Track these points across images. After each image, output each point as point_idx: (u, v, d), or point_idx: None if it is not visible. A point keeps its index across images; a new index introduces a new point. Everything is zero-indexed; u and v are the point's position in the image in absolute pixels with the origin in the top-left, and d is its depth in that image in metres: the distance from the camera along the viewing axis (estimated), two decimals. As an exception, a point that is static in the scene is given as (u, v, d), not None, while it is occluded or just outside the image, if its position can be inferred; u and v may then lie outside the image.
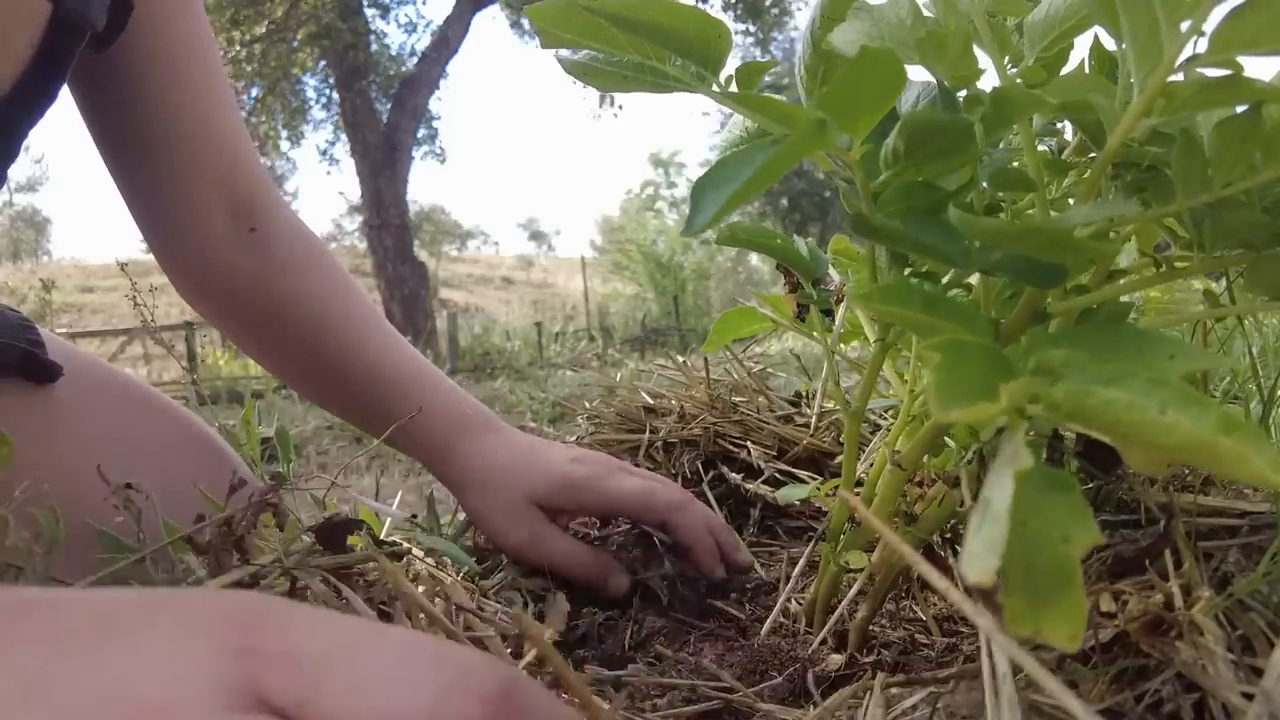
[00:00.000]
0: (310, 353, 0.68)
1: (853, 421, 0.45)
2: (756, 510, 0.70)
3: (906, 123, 0.32)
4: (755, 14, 11.90)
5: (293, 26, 10.42)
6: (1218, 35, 0.27)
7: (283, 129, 11.71)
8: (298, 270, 0.69)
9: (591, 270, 18.62)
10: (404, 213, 10.70)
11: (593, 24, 0.37)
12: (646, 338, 10.44)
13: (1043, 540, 0.23)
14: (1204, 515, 0.42)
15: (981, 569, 0.20)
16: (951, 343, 0.26)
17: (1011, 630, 0.22)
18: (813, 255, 0.52)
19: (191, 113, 0.66)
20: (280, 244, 0.70)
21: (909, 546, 0.25)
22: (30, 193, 37.24)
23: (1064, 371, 0.26)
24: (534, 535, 0.60)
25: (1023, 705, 0.32)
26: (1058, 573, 0.23)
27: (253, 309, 0.69)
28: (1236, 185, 0.31)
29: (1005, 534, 0.21)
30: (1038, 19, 0.37)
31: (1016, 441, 0.24)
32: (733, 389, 0.81)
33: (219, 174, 0.68)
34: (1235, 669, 0.31)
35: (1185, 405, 0.23)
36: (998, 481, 0.23)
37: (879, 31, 0.36)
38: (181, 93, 0.65)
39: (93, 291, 21.49)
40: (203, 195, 0.67)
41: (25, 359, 0.64)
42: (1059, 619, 0.22)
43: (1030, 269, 0.32)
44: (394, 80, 11.09)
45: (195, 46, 0.66)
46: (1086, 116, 0.34)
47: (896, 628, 0.50)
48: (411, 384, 0.67)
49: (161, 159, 0.66)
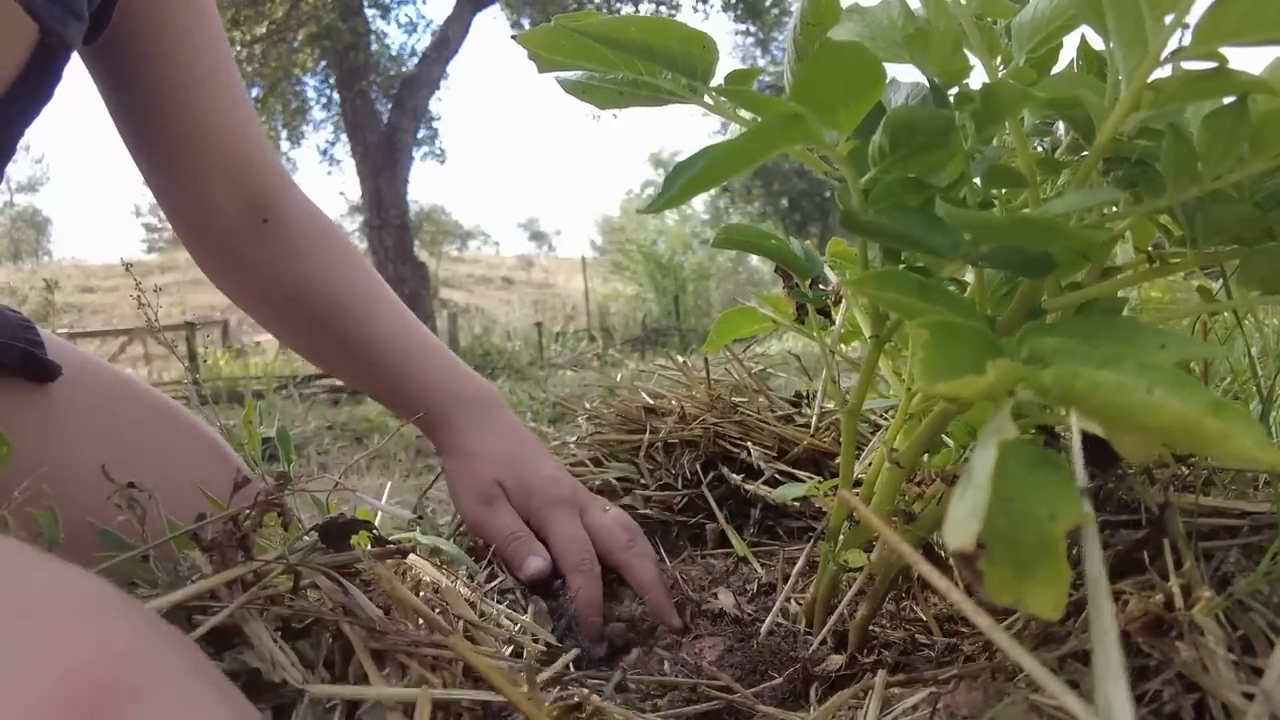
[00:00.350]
0: (324, 332, 0.73)
1: (850, 419, 0.45)
2: (757, 510, 0.70)
3: (890, 120, 0.33)
4: (755, 14, 11.90)
5: (293, 27, 10.43)
6: (1201, 27, 0.27)
7: (283, 129, 11.71)
8: (310, 256, 0.73)
9: (592, 270, 18.62)
10: (404, 213, 10.70)
11: (584, 45, 0.38)
12: (647, 338, 10.44)
13: (1029, 516, 0.23)
14: (1204, 515, 0.42)
15: (964, 534, 0.21)
16: (942, 322, 0.26)
17: (994, 598, 0.22)
18: (807, 255, 0.52)
19: (198, 110, 0.68)
20: (295, 230, 0.74)
21: (908, 545, 0.25)
22: (31, 193, 37.29)
23: (1055, 358, 0.26)
24: (481, 516, 0.64)
25: (1023, 705, 0.32)
26: (1043, 546, 0.23)
27: (266, 295, 0.74)
28: (1226, 178, 0.31)
29: (986, 499, 0.21)
30: (1025, 20, 0.37)
31: (1002, 415, 0.24)
32: (733, 389, 0.81)
33: (229, 170, 0.70)
34: (1235, 669, 0.31)
35: (1173, 387, 0.23)
36: (982, 452, 0.23)
37: (871, 33, 0.37)
38: (187, 90, 0.67)
39: (93, 292, 21.49)
40: (212, 189, 0.70)
41: (25, 358, 0.64)
42: (1041, 587, 0.22)
43: (1020, 260, 0.32)
44: (394, 80, 11.09)
45: (201, 43, 0.67)
46: (1076, 113, 0.34)
47: (897, 628, 0.50)
48: (417, 355, 0.72)
49: (174, 152, 0.69)
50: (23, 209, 36.60)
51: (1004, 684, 0.37)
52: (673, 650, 0.52)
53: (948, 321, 0.26)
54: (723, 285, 16.14)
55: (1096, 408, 0.24)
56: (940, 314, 0.29)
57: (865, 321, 0.46)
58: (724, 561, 0.65)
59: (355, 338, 0.72)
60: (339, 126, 11.55)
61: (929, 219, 0.33)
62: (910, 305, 0.30)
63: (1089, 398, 0.24)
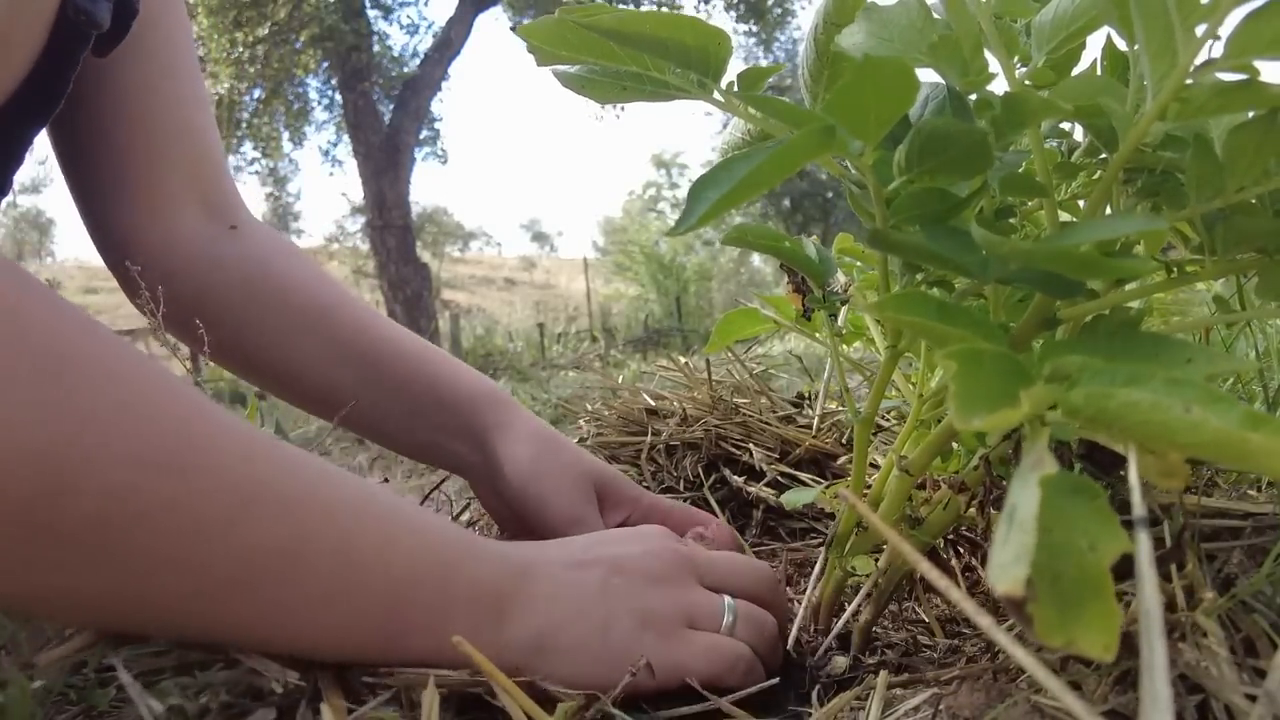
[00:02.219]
0: (317, 333, 0.63)
1: (863, 428, 0.45)
2: (759, 511, 0.70)
3: (920, 130, 0.32)
4: (758, 14, 11.89)
5: (295, 28, 10.43)
6: (1235, 39, 0.26)
7: (285, 130, 11.71)
8: (289, 257, 0.66)
9: (594, 271, 18.62)
10: (406, 214, 10.70)
11: (587, 39, 0.37)
12: (649, 339, 10.43)
13: (1069, 548, 0.22)
14: (1207, 516, 0.42)
15: (1012, 579, 0.20)
16: (968, 351, 0.26)
17: (1044, 641, 0.21)
18: (821, 258, 0.51)
19: (166, 107, 0.63)
20: (264, 240, 0.67)
21: (916, 553, 0.25)
22: (34, 194, 37.28)
23: (1079, 376, 0.25)
24: (587, 515, 0.56)
25: (1026, 706, 0.32)
26: (1087, 581, 0.22)
27: (247, 295, 0.64)
28: (1250, 190, 0.30)
29: (1033, 543, 0.20)
30: (1046, 20, 0.37)
31: (1039, 448, 0.23)
32: (735, 390, 0.81)
33: (190, 169, 0.64)
34: (1238, 670, 0.31)
35: (1210, 403, 0.22)
36: (1023, 489, 0.22)
37: (887, 34, 0.36)
38: (156, 89, 0.62)
39: (96, 293, 21.52)
40: (174, 187, 0.63)
41: None
42: (1091, 628, 0.21)
43: (1049, 281, 0.32)
44: (396, 82, 11.09)
45: (176, 43, 0.64)
46: (1098, 120, 0.34)
47: (899, 629, 0.50)
48: (434, 355, 0.63)
49: (129, 149, 0.61)
50: (26, 210, 36.65)
51: (1006, 685, 0.37)
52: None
53: (974, 349, 0.26)
54: (724, 286, 16.13)
55: (1131, 428, 0.23)
56: (963, 337, 0.29)
57: (881, 333, 0.45)
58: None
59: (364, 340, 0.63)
60: (341, 127, 11.56)
61: (958, 237, 0.32)
62: (933, 329, 0.29)
63: (1124, 418, 0.23)
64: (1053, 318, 0.35)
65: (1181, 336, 0.31)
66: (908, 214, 0.35)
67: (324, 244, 23.41)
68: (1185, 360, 0.28)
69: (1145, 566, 0.21)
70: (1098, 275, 0.31)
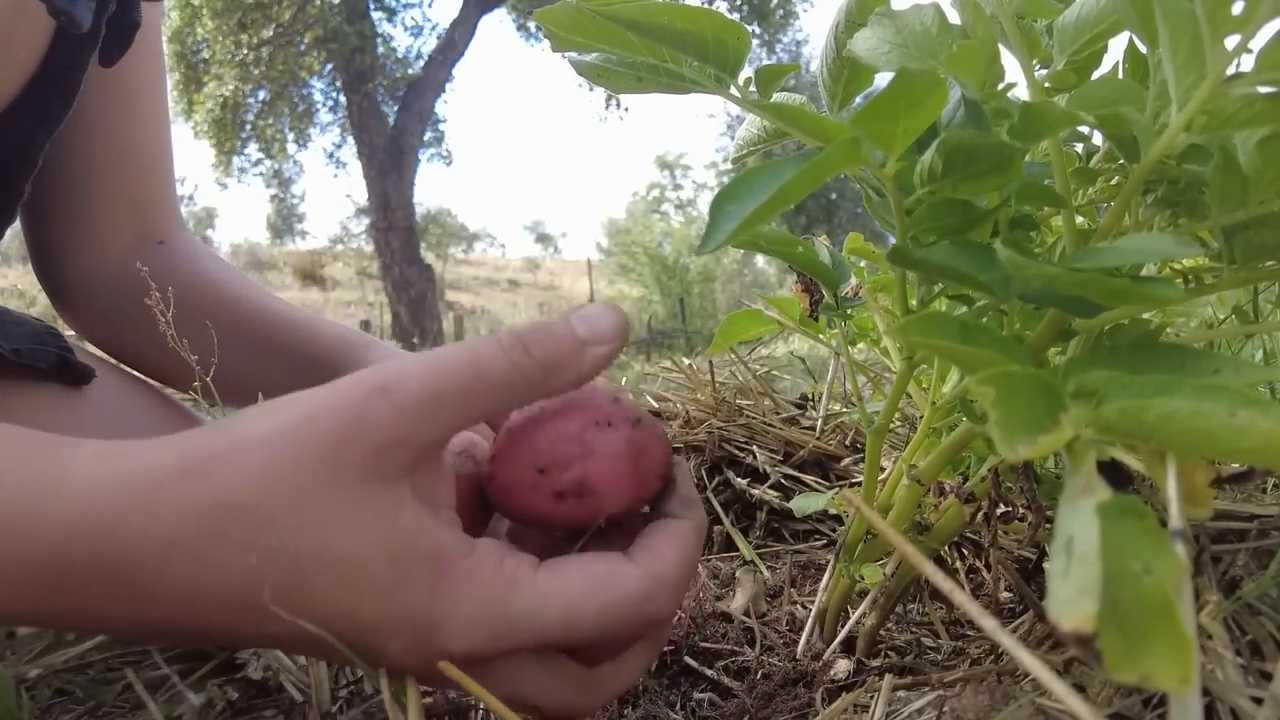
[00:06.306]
0: (234, 316, 0.69)
1: (876, 439, 0.44)
2: (763, 513, 0.70)
3: (946, 141, 0.31)
4: (761, 16, 11.89)
5: (300, 30, 10.46)
6: (1269, 51, 0.26)
7: (289, 132, 11.75)
8: (208, 261, 0.73)
9: (597, 272, 18.62)
10: (410, 215, 10.72)
11: (605, 27, 0.37)
12: (652, 340, 10.43)
13: (1123, 573, 0.21)
14: (1212, 518, 0.42)
15: (1080, 615, 0.19)
16: (1003, 376, 0.24)
17: (1115, 676, 0.19)
18: (835, 262, 0.50)
19: (120, 138, 0.67)
20: (189, 250, 0.73)
21: (925, 560, 0.25)
22: (39, 196, 37.34)
23: (1106, 391, 0.25)
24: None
25: (1030, 708, 0.32)
26: (1149, 608, 0.20)
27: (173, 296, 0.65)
28: (1272, 203, 0.30)
29: (1099, 576, 0.19)
30: (1068, 21, 0.36)
31: (1086, 471, 0.22)
32: (738, 392, 0.81)
33: (135, 198, 0.70)
34: (1244, 673, 0.31)
35: (1253, 406, 0.21)
36: (1077, 518, 0.20)
37: (901, 39, 0.35)
38: (116, 124, 0.66)
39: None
40: (118, 218, 0.69)
41: (60, 363, 0.64)
42: (1164, 659, 0.19)
43: (1073, 301, 0.31)
44: (400, 83, 11.12)
45: (145, 79, 0.67)
46: (1119, 129, 0.33)
47: (903, 631, 0.50)
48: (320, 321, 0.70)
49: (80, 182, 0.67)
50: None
51: (1010, 687, 0.37)
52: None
53: (1008, 374, 0.25)
54: (728, 287, 16.11)
55: (1171, 438, 0.23)
56: (990, 359, 0.28)
57: (897, 348, 0.45)
58: (730, 565, 0.65)
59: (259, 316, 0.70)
60: (345, 129, 11.59)
61: (981, 254, 0.32)
62: (957, 352, 0.28)
63: (1162, 429, 0.23)
64: (1068, 329, 0.34)
65: (1200, 346, 0.30)
66: (928, 225, 0.34)
67: (328, 245, 23.44)
68: (1213, 370, 0.27)
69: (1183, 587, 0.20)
70: (1127, 302, 0.30)
